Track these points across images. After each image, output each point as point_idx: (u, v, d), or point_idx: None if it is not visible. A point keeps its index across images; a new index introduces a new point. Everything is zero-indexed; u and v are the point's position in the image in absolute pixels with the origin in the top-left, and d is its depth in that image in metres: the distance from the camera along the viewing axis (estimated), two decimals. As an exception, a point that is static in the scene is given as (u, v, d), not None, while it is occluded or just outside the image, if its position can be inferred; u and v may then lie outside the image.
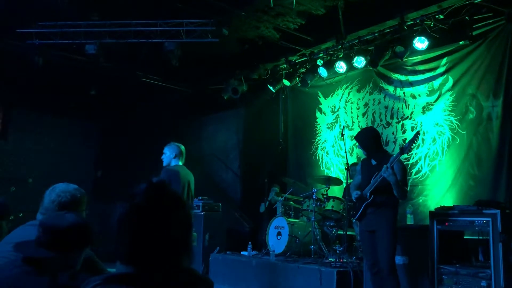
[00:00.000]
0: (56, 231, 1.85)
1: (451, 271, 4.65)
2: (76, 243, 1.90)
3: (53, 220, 1.91)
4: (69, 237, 1.87)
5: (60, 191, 2.29)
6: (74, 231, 1.88)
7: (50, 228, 1.86)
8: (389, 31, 7.13)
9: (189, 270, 1.24)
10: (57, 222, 1.88)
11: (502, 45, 6.26)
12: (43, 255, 1.78)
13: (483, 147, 6.40)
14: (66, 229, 1.86)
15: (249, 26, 7.65)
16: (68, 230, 1.87)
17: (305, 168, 9.03)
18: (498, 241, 4.34)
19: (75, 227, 1.89)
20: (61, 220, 1.89)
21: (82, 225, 1.93)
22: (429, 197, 6.93)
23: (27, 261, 1.77)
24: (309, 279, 5.82)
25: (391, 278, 4.44)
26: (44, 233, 1.84)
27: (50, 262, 1.77)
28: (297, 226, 7.06)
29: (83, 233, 1.93)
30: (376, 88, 7.95)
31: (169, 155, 5.48)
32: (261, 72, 9.23)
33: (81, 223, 1.94)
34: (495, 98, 6.30)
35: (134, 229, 1.19)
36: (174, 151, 5.48)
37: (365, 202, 4.60)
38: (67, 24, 7.38)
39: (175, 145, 5.51)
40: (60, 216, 1.94)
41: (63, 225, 1.87)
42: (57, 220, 1.90)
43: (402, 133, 7.49)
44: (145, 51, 7.91)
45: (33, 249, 1.81)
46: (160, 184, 1.24)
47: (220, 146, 10.44)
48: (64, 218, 1.91)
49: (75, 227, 1.89)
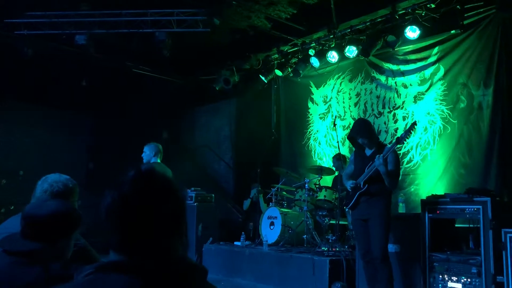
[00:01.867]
0: (37, 220, 1.80)
1: (442, 258, 4.70)
2: (60, 231, 1.85)
3: (34, 209, 1.85)
4: (51, 225, 1.82)
5: (53, 181, 2.28)
6: (55, 219, 1.83)
7: (31, 218, 1.82)
8: (381, 21, 7.13)
9: (183, 258, 1.23)
10: (37, 212, 1.83)
11: (493, 34, 6.27)
12: (30, 247, 1.75)
13: (474, 136, 6.45)
14: (47, 218, 1.81)
15: (241, 16, 7.60)
16: (49, 219, 1.82)
17: (297, 158, 9.05)
18: (488, 228, 4.38)
19: (56, 214, 1.84)
20: (41, 209, 1.84)
21: (63, 212, 1.87)
22: (420, 186, 6.97)
23: (16, 255, 1.74)
24: (302, 268, 5.86)
25: (383, 266, 4.48)
26: (26, 224, 1.81)
27: (38, 253, 1.74)
28: (290, 216, 7.09)
29: (66, 220, 1.87)
30: (368, 77, 7.96)
31: (149, 154, 5.94)
32: (253, 62, 9.20)
33: (62, 210, 1.88)
34: (486, 87, 6.33)
35: (123, 218, 1.17)
36: (153, 149, 5.95)
37: (359, 191, 4.63)
38: (57, 14, 7.29)
39: (154, 145, 5.99)
40: (40, 205, 1.89)
41: (43, 214, 1.82)
42: (37, 209, 1.85)
43: (394, 123, 7.52)
44: (136, 41, 7.84)
45: (20, 242, 1.77)
46: (149, 171, 1.22)
47: (212, 137, 10.42)
48: (43, 207, 1.86)
49: (56, 215, 1.84)
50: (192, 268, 1.21)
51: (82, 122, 11.26)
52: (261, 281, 6.30)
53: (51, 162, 9.83)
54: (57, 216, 1.85)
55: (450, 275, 4.61)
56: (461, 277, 4.53)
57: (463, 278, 4.52)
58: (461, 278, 4.53)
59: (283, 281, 6.05)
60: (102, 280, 1.11)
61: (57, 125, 10.75)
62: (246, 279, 6.53)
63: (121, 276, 1.11)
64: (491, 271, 4.33)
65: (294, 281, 5.91)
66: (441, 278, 4.67)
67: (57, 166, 10.78)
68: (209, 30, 7.22)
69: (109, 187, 1.21)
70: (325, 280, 5.51)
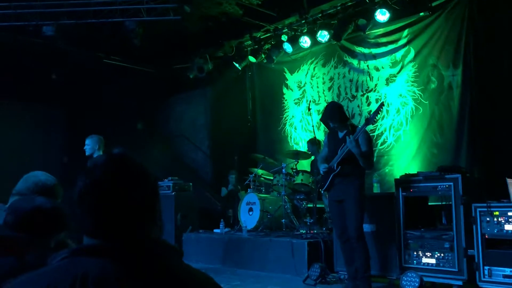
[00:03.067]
0: (21, 212, 1.83)
1: (417, 235, 4.84)
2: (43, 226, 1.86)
3: (21, 202, 1.88)
4: (35, 219, 1.83)
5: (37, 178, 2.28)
6: (40, 214, 1.85)
7: (16, 209, 1.84)
8: (351, 4, 7.17)
9: (157, 240, 1.24)
10: (24, 204, 1.86)
11: (460, 15, 6.41)
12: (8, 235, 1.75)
13: (444, 115, 6.61)
14: (32, 211, 1.83)
15: (212, 3, 7.54)
16: (34, 213, 1.84)
17: (274, 144, 9.10)
18: (459, 204, 4.53)
19: (42, 210, 1.86)
20: (29, 203, 1.87)
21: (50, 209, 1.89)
22: (394, 167, 7.12)
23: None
24: (281, 251, 5.94)
25: (360, 245, 4.58)
26: (9, 214, 1.82)
27: (15, 241, 1.74)
28: (268, 201, 7.15)
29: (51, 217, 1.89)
30: (341, 62, 8.03)
31: (92, 146, 5.95)
32: (226, 49, 9.15)
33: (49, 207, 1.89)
34: (455, 67, 6.48)
35: (96, 203, 1.17)
36: (97, 142, 5.96)
37: (333, 173, 4.70)
38: (22, 5, 7.08)
39: (97, 137, 6.00)
40: (29, 199, 1.92)
41: (29, 207, 1.84)
42: (25, 202, 1.88)
43: (367, 106, 7.63)
44: (106, 31, 7.69)
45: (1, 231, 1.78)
46: (120, 155, 1.22)
47: (188, 126, 10.36)
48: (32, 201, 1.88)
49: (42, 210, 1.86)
50: (167, 248, 1.22)
51: (54, 116, 11.03)
52: (242, 266, 6.36)
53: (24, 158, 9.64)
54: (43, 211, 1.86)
55: (424, 251, 4.75)
56: (434, 253, 4.68)
57: (436, 253, 4.66)
58: (435, 254, 4.67)
59: (264, 265, 6.13)
60: (77, 264, 1.11)
61: (28, 120, 10.51)
62: (226, 266, 6.57)
63: (96, 259, 1.12)
64: (462, 245, 4.49)
65: (274, 264, 6.00)
66: (415, 254, 4.81)
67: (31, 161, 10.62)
68: (180, 18, 7.12)
69: (81, 173, 1.21)
70: (304, 261, 5.61)
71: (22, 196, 2.16)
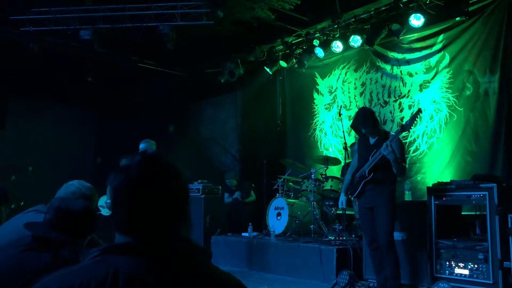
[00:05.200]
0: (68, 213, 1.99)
1: (449, 245, 4.71)
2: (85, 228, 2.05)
3: (67, 203, 2.06)
4: (79, 221, 2.01)
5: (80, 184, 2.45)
6: (84, 216, 2.03)
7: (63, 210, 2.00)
8: (385, 9, 7.08)
9: (187, 240, 1.25)
10: (70, 206, 2.04)
11: (498, 20, 6.23)
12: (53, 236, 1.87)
13: (480, 123, 6.42)
14: (78, 212, 2.01)
15: (244, 7, 7.58)
16: (79, 214, 2.01)
17: (303, 149, 9.06)
18: (495, 214, 4.39)
19: (86, 212, 2.05)
20: (74, 205, 2.05)
21: (92, 211, 2.11)
22: (427, 175, 6.96)
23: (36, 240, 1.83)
24: (309, 257, 5.89)
25: (390, 253, 4.50)
26: (55, 215, 1.98)
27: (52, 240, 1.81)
28: (296, 206, 7.11)
29: (91, 219, 2.07)
30: (373, 67, 7.93)
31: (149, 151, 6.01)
32: (257, 54, 9.18)
33: (92, 209, 2.12)
34: (492, 73, 6.29)
35: (130, 201, 1.20)
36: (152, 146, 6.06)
37: (364, 179, 4.64)
38: (61, 10, 7.32)
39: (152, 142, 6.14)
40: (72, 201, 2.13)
41: (75, 208, 2.02)
42: (71, 204, 2.06)
43: (400, 112, 7.50)
44: (140, 35, 7.85)
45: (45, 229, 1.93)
46: (154, 155, 1.26)
47: (218, 130, 10.44)
48: (76, 203, 2.08)
49: (85, 212, 2.04)
50: (196, 249, 1.23)
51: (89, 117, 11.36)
52: (269, 271, 6.35)
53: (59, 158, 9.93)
54: (87, 213, 2.05)
55: (457, 261, 4.62)
56: (468, 263, 4.54)
57: (470, 264, 4.53)
58: (468, 264, 4.54)
59: (291, 271, 6.09)
60: (108, 262, 1.14)
61: (64, 121, 10.85)
62: (254, 269, 6.58)
63: (127, 257, 1.14)
64: (498, 257, 4.34)
65: (302, 270, 5.95)
66: (448, 264, 4.69)
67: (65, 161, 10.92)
68: (213, 23, 7.21)
69: (116, 171, 1.25)
70: (333, 268, 5.55)
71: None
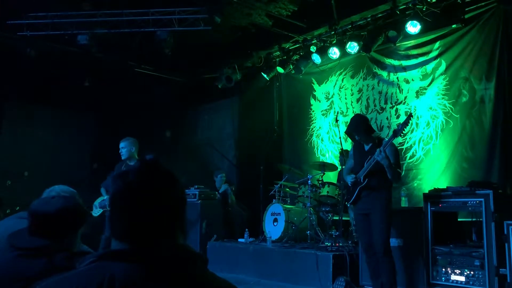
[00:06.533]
0: (45, 217, 1.86)
1: (445, 251, 4.72)
2: (68, 226, 1.92)
3: (41, 206, 1.91)
4: (60, 221, 1.88)
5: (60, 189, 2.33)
6: (63, 215, 1.89)
7: (39, 214, 1.87)
8: (382, 16, 7.12)
9: (184, 246, 1.25)
10: (45, 208, 1.89)
11: (494, 27, 6.27)
12: (37, 244, 1.79)
13: (476, 129, 6.45)
14: (55, 214, 1.87)
15: (242, 14, 7.62)
16: (58, 215, 1.88)
17: (300, 155, 9.06)
18: (491, 220, 4.40)
19: (64, 210, 1.90)
20: (49, 206, 1.90)
21: (70, 207, 1.95)
22: (423, 181, 6.97)
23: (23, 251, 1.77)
24: (305, 263, 5.88)
25: (386, 260, 4.50)
26: (33, 221, 1.85)
27: (45, 248, 1.78)
28: (293, 212, 7.11)
29: (73, 215, 1.94)
30: (370, 73, 7.96)
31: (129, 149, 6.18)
32: (254, 60, 9.20)
33: (69, 205, 1.95)
34: (488, 80, 6.33)
35: (128, 207, 1.21)
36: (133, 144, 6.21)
37: (359, 185, 4.64)
38: (58, 14, 7.33)
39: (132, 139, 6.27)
40: (48, 201, 1.95)
41: (51, 210, 1.88)
42: (45, 206, 1.90)
43: (396, 118, 7.52)
44: (137, 40, 7.86)
45: (27, 239, 1.81)
46: (153, 161, 1.26)
47: (215, 135, 10.44)
48: (51, 203, 1.91)
49: (64, 211, 1.90)
50: (193, 255, 1.23)
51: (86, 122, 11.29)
52: (266, 277, 6.33)
53: (55, 163, 9.88)
54: (65, 211, 1.91)
55: (453, 268, 4.63)
56: (464, 270, 4.55)
57: (466, 271, 4.53)
58: (464, 271, 4.54)
59: (287, 277, 6.08)
60: (104, 268, 1.13)
61: (61, 126, 10.78)
62: (250, 276, 6.55)
63: (123, 264, 1.14)
64: (494, 264, 4.35)
65: (298, 276, 5.94)
66: (444, 271, 4.69)
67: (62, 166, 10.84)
68: (210, 28, 7.23)
69: (115, 176, 1.25)
70: (329, 274, 5.53)
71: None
